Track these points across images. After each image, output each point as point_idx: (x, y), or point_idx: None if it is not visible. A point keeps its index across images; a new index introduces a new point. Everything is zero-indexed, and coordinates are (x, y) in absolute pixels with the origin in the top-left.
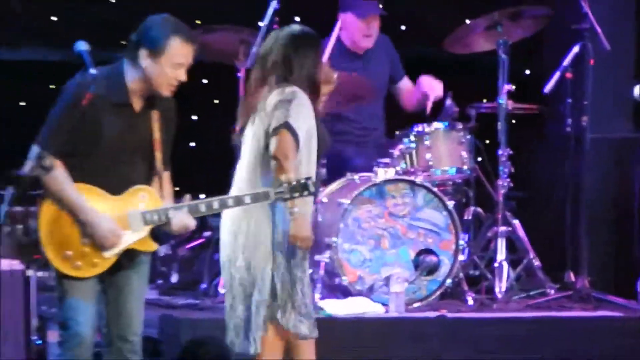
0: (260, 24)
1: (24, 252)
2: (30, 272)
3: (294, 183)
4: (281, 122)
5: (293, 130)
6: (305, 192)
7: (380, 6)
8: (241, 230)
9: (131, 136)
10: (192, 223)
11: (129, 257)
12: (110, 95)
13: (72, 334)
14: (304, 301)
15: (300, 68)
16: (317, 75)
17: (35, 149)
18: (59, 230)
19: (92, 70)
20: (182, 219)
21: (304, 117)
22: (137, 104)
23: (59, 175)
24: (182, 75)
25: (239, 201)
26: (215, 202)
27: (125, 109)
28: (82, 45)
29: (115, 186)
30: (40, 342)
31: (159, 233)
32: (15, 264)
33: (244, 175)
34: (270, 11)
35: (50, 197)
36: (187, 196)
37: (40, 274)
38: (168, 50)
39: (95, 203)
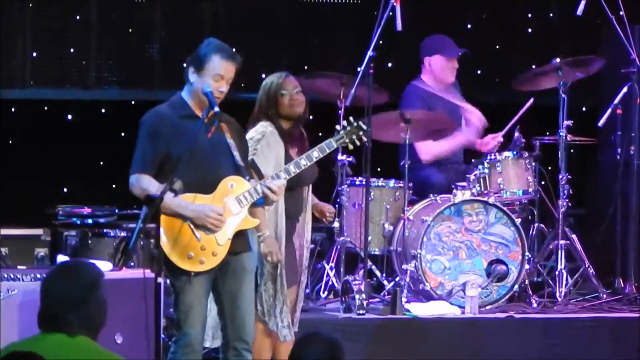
0: (359, 69)
1: (155, 262)
2: (160, 279)
3: (348, 128)
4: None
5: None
6: (361, 132)
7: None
8: None
9: (207, 140)
10: (280, 183)
11: (236, 253)
12: (177, 112)
13: (183, 333)
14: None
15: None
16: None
17: (132, 177)
18: (177, 239)
19: (216, 108)
20: (271, 188)
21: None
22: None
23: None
24: (223, 87)
25: (309, 157)
26: (291, 165)
27: (193, 119)
28: (208, 88)
29: (208, 186)
30: (167, 339)
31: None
32: (148, 272)
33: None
34: (366, 58)
35: (163, 211)
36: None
37: (168, 281)
38: (208, 65)
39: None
